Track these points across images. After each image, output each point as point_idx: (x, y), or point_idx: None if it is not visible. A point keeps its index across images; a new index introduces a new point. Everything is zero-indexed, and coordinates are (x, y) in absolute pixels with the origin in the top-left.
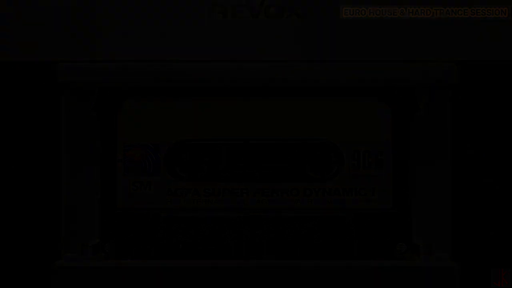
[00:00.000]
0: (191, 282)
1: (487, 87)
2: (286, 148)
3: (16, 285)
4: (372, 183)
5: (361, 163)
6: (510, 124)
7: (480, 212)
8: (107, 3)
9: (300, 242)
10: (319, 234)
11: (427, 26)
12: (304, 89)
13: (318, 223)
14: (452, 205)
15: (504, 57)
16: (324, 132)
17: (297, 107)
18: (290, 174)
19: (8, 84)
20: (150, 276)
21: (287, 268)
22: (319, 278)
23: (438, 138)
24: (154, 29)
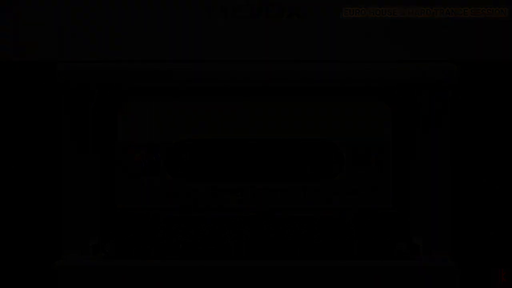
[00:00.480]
0: (191, 282)
1: (487, 87)
2: (286, 148)
3: (16, 285)
4: (372, 183)
5: (361, 163)
6: (510, 124)
7: (480, 212)
8: (107, 3)
9: (300, 242)
10: (319, 234)
11: (427, 26)
12: (304, 89)
13: (318, 223)
14: (452, 205)
15: (504, 57)
16: (324, 132)
17: (297, 107)
18: (290, 174)
19: (8, 84)
20: (150, 276)
21: (287, 268)
22: (319, 278)
23: (438, 138)
24: (154, 29)
